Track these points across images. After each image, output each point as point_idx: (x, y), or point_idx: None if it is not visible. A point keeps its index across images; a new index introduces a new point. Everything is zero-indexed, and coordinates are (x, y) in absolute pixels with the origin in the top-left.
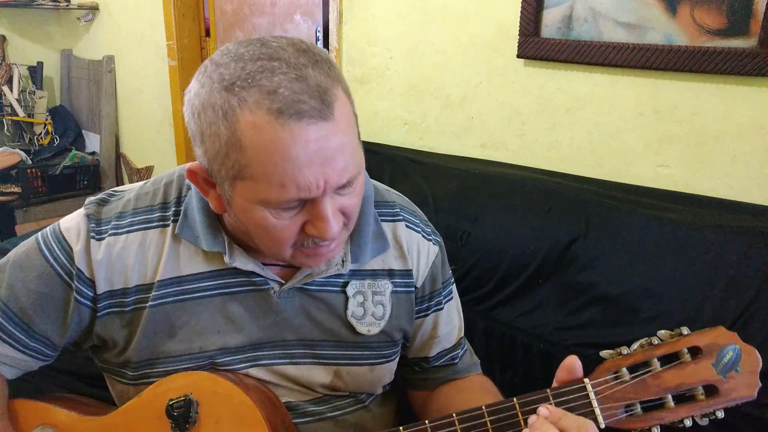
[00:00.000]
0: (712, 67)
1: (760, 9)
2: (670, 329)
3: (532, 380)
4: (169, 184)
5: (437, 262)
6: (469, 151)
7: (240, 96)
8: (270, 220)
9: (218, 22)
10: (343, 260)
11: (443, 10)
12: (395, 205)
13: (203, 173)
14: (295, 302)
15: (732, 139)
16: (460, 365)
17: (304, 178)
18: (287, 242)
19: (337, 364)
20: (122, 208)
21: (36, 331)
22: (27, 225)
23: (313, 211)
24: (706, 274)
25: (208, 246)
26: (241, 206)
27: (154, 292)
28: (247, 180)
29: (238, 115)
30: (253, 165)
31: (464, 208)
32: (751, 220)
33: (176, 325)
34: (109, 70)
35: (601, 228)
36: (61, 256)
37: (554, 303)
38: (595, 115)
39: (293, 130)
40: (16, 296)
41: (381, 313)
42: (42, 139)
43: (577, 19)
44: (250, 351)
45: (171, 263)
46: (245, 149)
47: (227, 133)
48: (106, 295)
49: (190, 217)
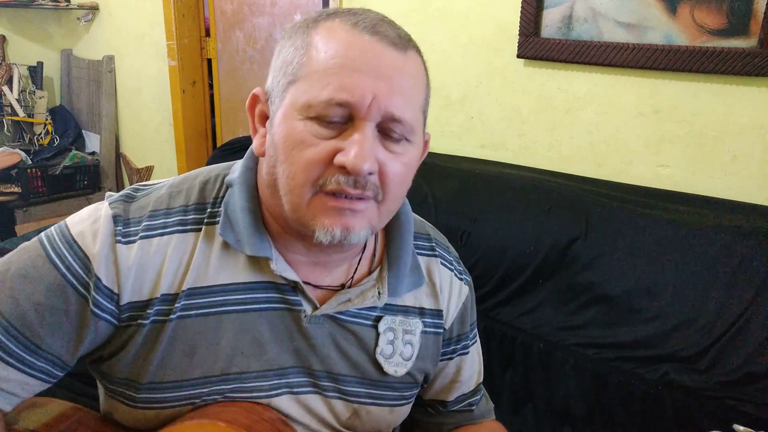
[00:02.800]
0: (712, 67)
1: (760, 9)
2: (746, 418)
3: (532, 380)
4: (206, 182)
5: (467, 303)
6: (469, 151)
7: (327, 16)
8: (304, 135)
9: (218, 22)
10: (379, 292)
11: (443, 10)
12: (431, 239)
13: (264, 97)
14: (325, 330)
15: (732, 139)
16: (477, 412)
17: (351, 79)
18: (312, 169)
19: (359, 402)
20: (154, 205)
21: (45, 349)
22: (27, 225)
23: (350, 136)
24: (706, 274)
25: (252, 249)
26: (282, 117)
27: (178, 304)
28: (299, 81)
29: (321, 22)
30: (310, 62)
31: (464, 208)
32: (751, 220)
33: (196, 344)
34: (109, 70)
35: (601, 228)
36: (74, 265)
37: (554, 303)
38: (595, 115)
39: (362, 37)
40: (22, 311)
41: (409, 353)
42: (42, 139)
43: (577, 19)
44: (275, 378)
45: (200, 271)
46: (311, 47)
47: (302, 37)
48: (129, 306)
49: (232, 217)
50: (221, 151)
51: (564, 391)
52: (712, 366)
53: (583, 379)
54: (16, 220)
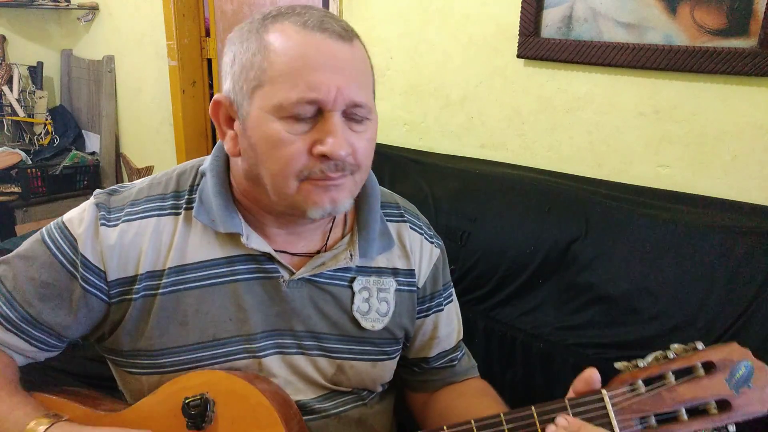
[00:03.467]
0: (712, 67)
1: (760, 9)
2: (685, 343)
3: (532, 380)
4: (182, 173)
5: (438, 264)
6: (469, 151)
7: (273, 18)
8: (282, 134)
9: (218, 22)
10: (351, 254)
11: (443, 10)
12: (399, 207)
13: (227, 102)
14: (304, 293)
15: (732, 139)
16: (459, 368)
17: (315, 77)
18: (294, 164)
19: (342, 358)
20: (135, 195)
21: (40, 321)
22: (27, 225)
23: (324, 128)
24: (706, 274)
25: (225, 227)
26: (255, 121)
27: (165, 279)
28: (265, 86)
29: (269, 26)
30: (273, 66)
31: (464, 208)
32: (751, 220)
33: (188, 313)
34: (109, 70)
35: (601, 228)
36: (63, 245)
37: (554, 303)
38: (595, 115)
39: (314, 36)
40: (21, 287)
41: (385, 309)
42: (42, 139)
43: (577, 19)
44: (264, 339)
45: (181, 250)
46: (268, 51)
47: (256, 43)
48: (117, 283)
49: (206, 201)
50: None
51: (564, 391)
52: None
53: None
54: (16, 220)
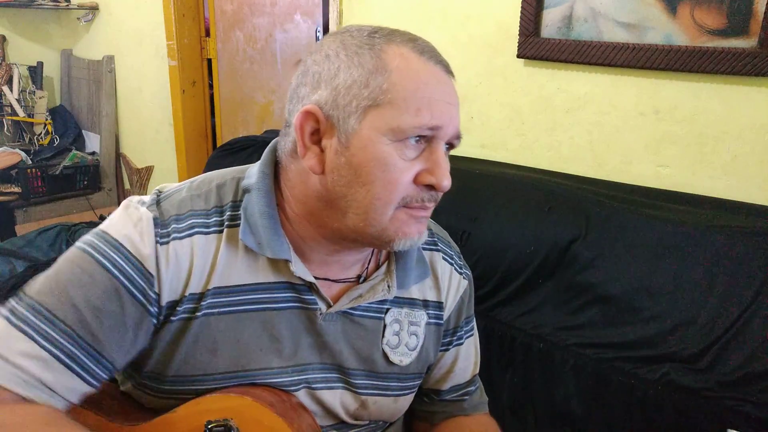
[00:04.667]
0: (712, 67)
1: (760, 9)
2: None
3: (532, 380)
4: (222, 186)
5: (465, 296)
6: (469, 151)
7: (385, 38)
8: (394, 159)
9: (218, 22)
10: (389, 285)
11: (443, 10)
12: (434, 234)
13: (319, 114)
14: (338, 327)
15: (732, 139)
16: (468, 402)
17: (438, 108)
18: (399, 192)
19: (367, 394)
20: (178, 209)
21: (104, 355)
22: (27, 225)
23: (432, 157)
24: (706, 274)
25: (273, 252)
26: (364, 141)
27: (204, 302)
28: (383, 106)
29: (384, 46)
30: (395, 88)
31: (464, 208)
32: (751, 220)
33: (218, 340)
34: (109, 70)
35: (601, 228)
36: (126, 267)
37: (554, 303)
38: (595, 115)
39: (433, 67)
40: (83, 317)
41: (414, 344)
42: (42, 139)
43: (577, 19)
44: (295, 374)
45: (223, 272)
46: (390, 72)
47: (373, 60)
48: (167, 306)
49: (252, 222)
50: (221, 151)
51: (564, 391)
52: (712, 366)
53: (583, 379)
54: (16, 220)
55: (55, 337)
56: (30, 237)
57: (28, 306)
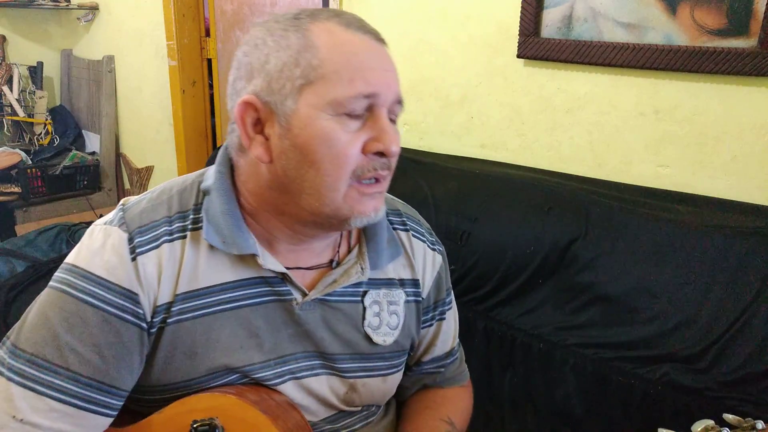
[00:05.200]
0: (712, 67)
1: (760, 9)
2: (742, 416)
3: (532, 380)
4: (182, 191)
5: (441, 271)
6: (469, 151)
7: (308, 18)
8: (336, 132)
9: (218, 22)
10: (362, 267)
11: (443, 10)
12: (401, 214)
13: (257, 103)
14: (317, 314)
15: (732, 139)
16: (443, 376)
17: (372, 75)
18: (349, 164)
19: (354, 377)
20: (140, 221)
21: (117, 386)
22: (27, 225)
23: (376, 125)
24: (706, 274)
25: (239, 249)
26: (305, 120)
27: (174, 308)
28: (316, 82)
29: (309, 25)
30: (325, 62)
31: (464, 208)
32: (751, 220)
33: (196, 343)
34: (109, 70)
35: (601, 228)
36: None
37: (554, 303)
38: (595, 115)
39: (361, 37)
40: (85, 358)
41: (395, 323)
42: (42, 139)
43: (577, 19)
44: (277, 366)
45: (190, 276)
46: (318, 48)
47: (299, 40)
48: (152, 317)
49: (214, 222)
50: None
51: (564, 391)
52: (712, 366)
53: (583, 379)
54: (16, 220)
55: (63, 386)
56: (30, 237)
57: (26, 361)
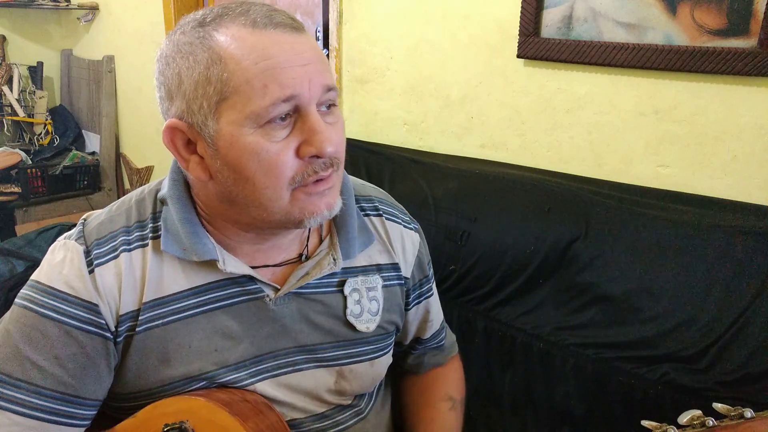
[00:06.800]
0: (712, 67)
1: (760, 9)
2: (731, 404)
3: (532, 380)
4: (141, 201)
5: (422, 249)
6: (469, 151)
7: (214, 23)
8: (263, 145)
9: None
10: (334, 258)
11: (443, 10)
12: (373, 199)
13: (183, 126)
14: (293, 308)
15: (732, 139)
16: (446, 345)
17: (285, 74)
18: (285, 174)
19: (340, 364)
20: (98, 233)
21: (85, 396)
22: (27, 225)
23: (305, 127)
24: (706, 274)
25: (198, 255)
26: (229, 139)
27: (142, 317)
28: (231, 97)
29: (213, 33)
30: (234, 75)
31: (464, 208)
32: (751, 220)
33: (168, 350)
34: (109, 70)
35: (601, 228)
36: (66, 308)
37: (554, 303)
38: (595, 115)
39: (270, 34)
40: (48, 372)
41: (376, 308)
42: (42, 139)
43: (577, 19)
44: (252, 365)
45: (156, 283)
46: (225, 60)
47: (206, 54)
48: (117, 327)
49: (172, 231)
50: None
51: (564, 391)
52: (712, 366)
53: (583, 379)
54: (16, 220)
55: (26, 399)
56: (30, 237)
57: None
